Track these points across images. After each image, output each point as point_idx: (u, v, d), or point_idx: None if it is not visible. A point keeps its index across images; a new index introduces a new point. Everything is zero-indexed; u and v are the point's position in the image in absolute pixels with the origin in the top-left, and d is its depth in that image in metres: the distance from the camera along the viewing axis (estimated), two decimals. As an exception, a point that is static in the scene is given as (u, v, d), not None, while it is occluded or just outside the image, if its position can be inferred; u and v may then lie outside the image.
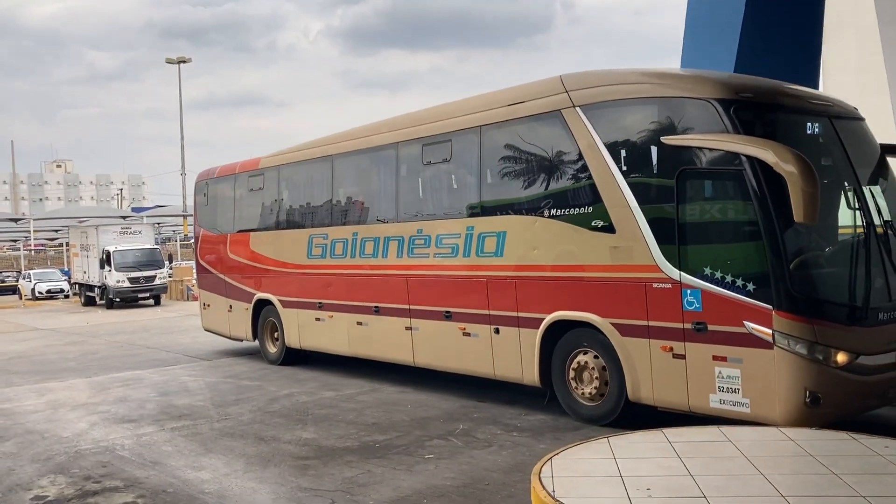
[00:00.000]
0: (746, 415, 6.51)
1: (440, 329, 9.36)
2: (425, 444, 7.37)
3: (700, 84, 6.91)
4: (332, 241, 11.14)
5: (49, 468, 7.17)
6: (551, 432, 7.61)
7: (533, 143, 8.41)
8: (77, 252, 32.91)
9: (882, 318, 6.62)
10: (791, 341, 6.22)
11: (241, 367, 12.70)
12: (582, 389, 7.89)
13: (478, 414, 8.51)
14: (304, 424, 8.43)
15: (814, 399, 6.20)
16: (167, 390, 10.90)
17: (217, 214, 14.27)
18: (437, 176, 9.73)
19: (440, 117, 9.54)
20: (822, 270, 6.73)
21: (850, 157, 7.00)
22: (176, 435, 8.21)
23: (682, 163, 6.82)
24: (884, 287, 6.76)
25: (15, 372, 13.44)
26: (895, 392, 6.74)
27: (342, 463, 6.91)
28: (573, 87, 7.85)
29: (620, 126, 7.46)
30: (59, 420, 9.22)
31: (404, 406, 9.11)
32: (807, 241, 6.62)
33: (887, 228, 6.94)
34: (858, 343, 6.42)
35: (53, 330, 21.24)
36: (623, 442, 5.71)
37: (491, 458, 6.85)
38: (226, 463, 7.07)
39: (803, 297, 6.30)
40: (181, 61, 40.69)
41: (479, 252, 8.78)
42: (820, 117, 7.01)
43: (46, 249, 68.26)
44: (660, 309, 7.02)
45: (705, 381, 6.72)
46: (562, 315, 7.92)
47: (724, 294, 6.55)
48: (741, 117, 6.52)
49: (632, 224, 7.19)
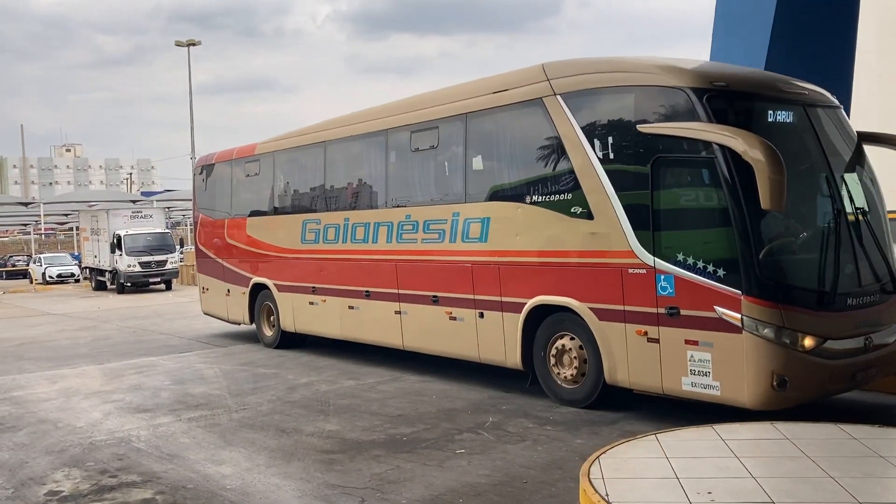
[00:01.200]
0: (717, 397, 6.64)
1: (428, 313, 9.52)
2: (455, 438, 7.03)
3: (675, 73, 6.92)
4: (325, 226, 11.31)
5: (63, 461, 6.87)
6: (587, 426, 7.26)
7: (516, 131, 8.57)
8: (88, 236, 32.71)
9: (850, 303, 6.71)
10: (759, 326, 6.32)
11: (256, 354, 12.39)
12: (562, 372, 8.04)
13: (506, 406, 8.17)
14: (326, 415, 8.10)
15: (781, 382, 6.33)
16: (182, 378, 10.60)
17: (215, 199, 14.41)
18: (425, 162, 9.81)
19: (428, 104, 9.66)
20: (791, 257, 6.81)
21: (824, 145, 7.06)
22: (193, 426, 7.90)
23: (657, 151, 6.89)
24: (853, 273, 6.84)
25: (27, 358, 13.18)
26: (863, 375, 6.84)
27: (369, 457, 6.57)
28: (554, 75, 7.94)
29: (599, 114, 7.56)
30: (73, 409, 8.93)
31: (429, 396, 8.77)
32: (776, 228, 6.66)
33: (858, 216, 6.99)
34: (826, 328, 6.51)
35: (65, 315, 21.02)
36: (672, 440, 5.36)
37: (526, 453, 6.50)
38: (247, 457, 6.75)
39: (771, 282, 6.39)
40: (190, 44, 40.11)
41: (465, 238, 8.94)
42: (794, 105, 7.05)
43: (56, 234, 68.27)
44: (635, 294, 7.15)
45: (678, 364, 6.85)
46: (543, 300, 8.06)
47: (696, 280, 6.67)
48: (714, 106, 6.58)
49: (609, 211, 7.32)
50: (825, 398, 7.13)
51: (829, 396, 7.15)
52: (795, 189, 6.58)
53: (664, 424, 7.04)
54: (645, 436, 5.52)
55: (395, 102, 10.50)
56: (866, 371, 6.85)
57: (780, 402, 6.38)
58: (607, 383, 7.53)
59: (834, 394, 7.10)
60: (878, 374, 7.08)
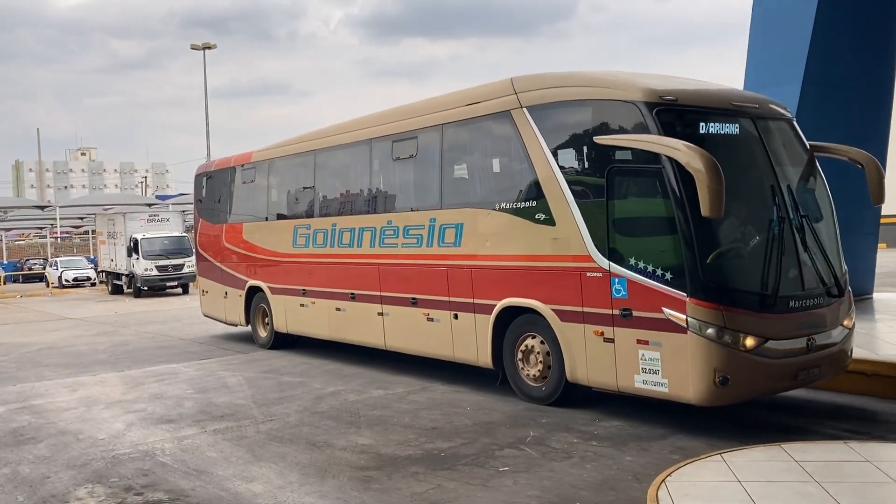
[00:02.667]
0: (665, 394, 6.99)
1: (407, 314, 9.97)
2: (496, 455, 6.65)
3: (628, 88, 7.29)
4: (315, 231, 11.79)
5: (86, 476, 6.54)
6: (634, 441, 6.87)
7: (487, 141, 9.03)
8: (104, 240, 32.56)
9: (793, 305, 7.01)
10: (702, 326, 6.64)
11: (279, 361, 12.06)
12: (528, 371, 8.45)
13: (546, 419, 7.78)
14: (357, 428, 7.75)
15: (723, 380, 6.62)
16: (205, 386, 10.28)
17: (214, 205, 14.94)
18: (405, 170, 10.25)
19: (408, 115, 10.12)
20: (734, 261, 7.08)
21: (771, 155, 7.40)
22: (220, 438, 7.57)
23: (612, 161, 7.29)
24: (797, 277, 7.14)
25: (45, 364, 12.91)
26: (806, 375, 7.12)
27: (408, 475, 6.21)
28: (521, 88, 8.36)
29: (560, 126, 8.01)
30: (94, 419, 8.62)
31: (462, 408, 8.41)
32: (720, 234, 6.95)
33: (803, 223, 7.31)
34: (767, 328, 6.80)
35: (82, 319, 20.80)
36: (741, 460, 4.99)
37: (575, 472, 6.12)
38: (278, 473, 6.40)
39: (713, 285, 6.69)
40: (206, 47, 40.06)
41: (441, 242, 9.37)
42: (742, 118, 7.40)
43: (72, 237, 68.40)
44: (592, 296, 7.55)
45: (631, 363, 7.22)
46: (511, 302, 8.48)
47: (646, 283, 7.03)
48: (663, 119, 6.95)
49: (569, 217, 7.73)
50: (768, 395, 7.64)
51: (772, 394, 7.62)
52: (740, 197, 7.04)
53: (714, 440, 6.70)
54: (710, 456, 5.15)
55: (378, 113, 10.93)
56: (809, 371, 7.12)
57: (722, 398, 6.73)
58: (569, 381, 7.92)
59: (776, 392, 7.48)
60: (822, 374, 7.32)
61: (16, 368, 12.67)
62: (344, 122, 11.70)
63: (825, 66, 11.36)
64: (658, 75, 8.24)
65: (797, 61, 11.22)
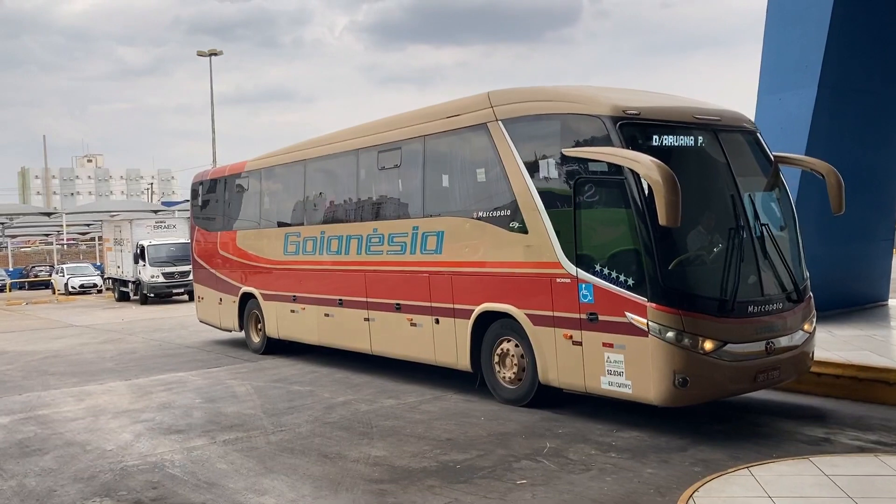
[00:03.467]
0: (629, 395, 7.32)
1: (392, 320, 10.30)
2: (513, 467, 6.50)
3: (593, 103, 7.65)
4: (304, 239, 12.16)
5: (94, 489, 6.41)
6: (654, 453, 6.71)
7: (465, 152, 9.36)
8: (110, 246, 32.48)
9: (752, 310, 7.31)
10: (662, 330, 6.93)
11: (288, 369, 11.93)
12: (504, 373, 8.76)
13: (562, 429, 7.63)
14: (369, 439, 7.60)
15: (682, 381, 6.92)
16: (213, 396, 10.14)
17: (209, 214, 15.36)
18: (390, 180, 10.60)
19: (393, 127, 10.45)
20: (693, 268, 7.36)
21: (733, 166, 7.66)
22: (230, 449, 7.43)
23: (579, 172, 7.64)
24: (756, 283, 7.45)
25: (51, 373, 12.79)
26: (765, 377, 7.39)
27: (423, 488, 6.06)
28: (497, 102, 8.72)
29: (532, 138, 8.33)
30: (101, 430, 8.49)
31: (476, 418, 8.25)
32: (679, 242, 7.22)
33: (764, 231, 7.62)
34: (726, 332, 7.08)
35: (88, 327, 20.70)
36: (769, 474, 4.83)
37: (595, 485, 5.96)
38: (290, 486, 6.26)
39: (673, 291, 6.98)
40: (212, 53, 40.01)
41: (423, 250, 9.70)
42: (704, 131, 7.70)
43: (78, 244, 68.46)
44: (562, 301, 7.86)
45: (597, 365, 7.54)
46: (488, 307, 8.79)
47: (611, 288, 7.35)
48: (625, 132, 7.27)
49: (540, 226, 8.06)
50: (728, 397, 7.88)
51: (732, 396, 7.87)
52: (701, 207, 7.46)
53: (736, 451, 6.55)
54: (737, 470, 5.00)
55: (365, 124, 11.24)
56: (769, 373, 7.40)
57: (682, 399, 7.02)
58: (541, 383, 8.22)
59: (736, 393, 7.76)
60: (783, 376, 7.61)
61: (21, 377, 12.55)
62: (332, 132, 12.02)
63: (841, 70, 11.21)
64: (627, 90, 8.62)
65: (812, 65, 11.06)
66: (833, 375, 8.36)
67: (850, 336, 10.11)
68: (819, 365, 8.49)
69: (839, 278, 12.37)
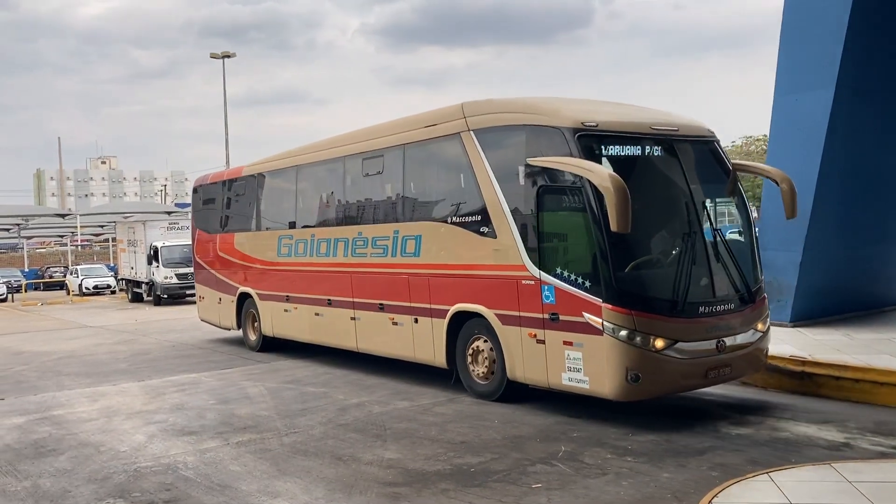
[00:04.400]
0: (587, 390, 7.76)
1: (375, 319, 10.79)
2: (528, 471, 6.43)
3: (555, 115, 8.07)
4: (296, 241, 12.69)
5: (107, 490, 6.40)
6: (671, 457, 6.63)
7: (441, 160, 9.88)
8: (124, 248, 32.61)
9: (703, 311, 7.74)
10: (615, 329, 7.37)
11: (301, 371, 11.91)
12: (477, 370, 9.20)
13: (577, 433, 7.56)
14: (383, 441, 7.56)
15: (634, 377, 7.36)
16: (226, 397, 10.13)
17: (209, 216, 15.93)
18: (374, 186, 11.08)
19: (377, 135, 10.93)
20: (645, 271, 7.80)
21: (687, 175, 8.10)
22: (243, 451, 7.40)
23: (542, 180, 8.08)
24: (707, 285, 7.89)
25: (66, 374, 12.83)
26: (716, 374, 7.83)
27: (437, 491, 6.01)
28: (470, 113, 9.16)
29: (501, 148, 8.77)
30: (115, 430, 8.49)
31: (490, 421, 8.20)
32: (632, 247, 7.62)
33: (715, 236, 8.06)
34: (676, 331, 7.51)
35: (102, 327, 20.78)
36: (790, 480, 4.75)
37: (611, 489, 5.89)
38: (304, 489, 6.22)
39: (626, 292, 7.43)
40: (225, 56, 40.11)
41: (403, 253, 10.18)
42: (660, 142, 8.11)
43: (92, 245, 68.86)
44: (527, 302, 8.28)
45: (559, 362, 7.97)
46: (462, 307, 9.25)
47: (570, 290, 7.78)
48: (583, 143, 7.70)
49: (507, 231, 8.51)
50: (680, 392, 8.31)
51: (684, 391, 8.32)
52: (655, 213, 7.97)
53: (754, 455, 6.46)
54: (756, 475, 4.92)
55: (351, 132, 11.80)
56: (720, 370, 7.82)
57: (635, 394, 7.47)
58: (509, 379, 8.65)
59: (688, 389, 8.20)
60: (734, 373, 8.08)
61: (36, 377, 12.60)
62: (322, 140, 12.71)
63: (859, 71, 11.07)
64: (594, 101, 9.10)
65: (830, 66, 10.93)
66: (852, 379, 8.25)
67: (870, 339, 9.99)
68: (838, 369, 8.40)
69: (858, 281, 12.23)
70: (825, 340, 10.00)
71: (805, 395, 8.65)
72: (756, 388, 9.16)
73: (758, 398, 8.69)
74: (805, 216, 11.03)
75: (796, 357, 8.91)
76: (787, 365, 8.88)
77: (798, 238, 11.20)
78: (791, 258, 11.30)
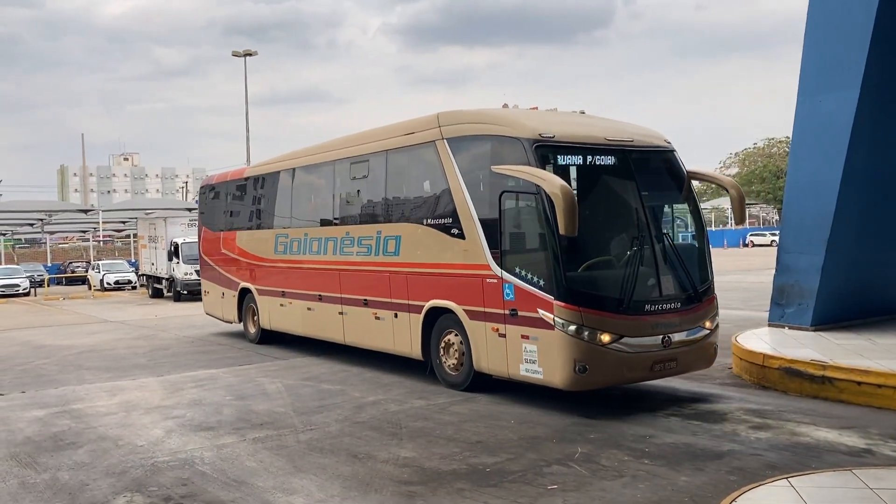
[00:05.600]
0: (541, 380, 8.34)
1: (360, 313, 11.47)
2: (544, 472, 6.40)
3: (515, 127, 8.71)
4: (291, 240, 13.47)
5: (125, 484, 6.44)
6: (688, 460, 6.57)
7: (418, 166, 10.54)
8: (145, 244, 32.88)
9: (649, 309, 8.34)
10: (565, 324, 8.00)
11: (318, 368, 11.95)
12: (448, 361, 9.81)
13: (594, 434, 7.52)
14: (399, 439, 7.56)
15: (582, 368, 7.98)
16: (244, 393, 10.18)
17: (214, 215, 16.85)
18: (360, 188, 11.77)
19: (364, 141, 11.65)
20: (593, 271, 8.38)
21: (639, 182, 8.66)
22: (259, 447, 7.43)
23: (503, 187, 8.66)
24: (654, 285, 8.47)
25: (86, 368, 12.96)
26: (661, 367, 8.44)
27: (453, 491, 5.99)
28: (444, 123, 9.78)
29: (469, 156, 9.43)
30: (133, 425, 8.56)
31: (506, 421, 8.17)
32: (581, 249, 8.22)
33: (664, 240, 8.69)
34: (622, 327, 8.12)
35: (122, 322, 20.97)
36: (809, 485, 4.68)
37: (627, 491, 5.85)
38: (319, 486, 6.23)
39: (575, 291, 8.03)
40: (247, 54, 40.36)
41: (385, 252, 10.85)
42: (613, 152, 8.72)
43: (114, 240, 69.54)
44: (491, 298, 8.89)
45: (517, 354, 8.57)
46: (435, 303, 9.86)
47: (527, 288, 8.38)
48: (539, 153, 8.35)
49: (474, 232, 9.14)
50: (627, 384, 9.02)
51: (630, 383, 8.99)
52: (605, 218, 8.75)
53: (772, 460, 6.38)
54: (775, 480, 4.86)
55: (342, 138, 12.59)
56: (665, 364, 8.44)
57: (582, 384, 8.09)
58: (476, 370, 9.25)
59: (634, 381, 8.85)
60: (681, 367, 8.67)
61: (57, 371, 12.74)
62: (316, 144, 13.41)
63: (884, 72, 10.90)
64: (558, 113, 9.88)
65: (855, 66, 10.77)
66: (874, 385, 8.14)
67: (893, 344, 9.84)
68: (860, 373, 8.28)
69: (881, 284, 12.06)
70: (847, 345, 9.87)
71: (826, 399, 8.53)
72: (776, 392, 9.07)
73: (777, 402, 8.60)
74: (828, 218, 10.90)
75: (817, 361, 8.80)
76: (808, 369, 8.77)
77: (820, 240, 11.05)
78: (813, 261, 11.16)
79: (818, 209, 11.07)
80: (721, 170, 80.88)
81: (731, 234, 67.91)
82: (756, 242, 63.75)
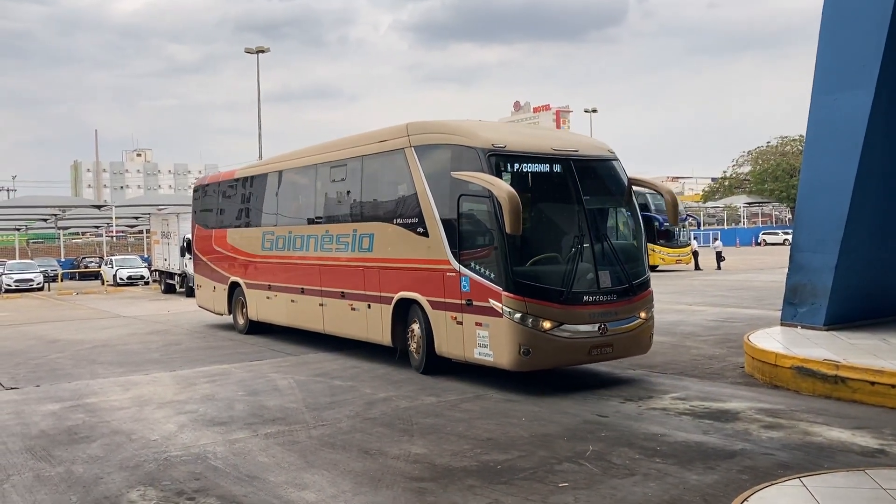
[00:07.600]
0: (492, 362, 9.38)
1: (338, 305, 12.50)
2: (555, 469, 6.41)
3: (472, 137, 9.73)
4: (277, 237, 14.57)
5: (138, 478, 6.50)
6: (699, 459, 6.56)
7: (390, 171, 11.50)
8: (158, 239, 33.04)
9: (587, 300, 9.33)
10: (511, 312, 9.04)
11: (330, 364, 11.99)
12: (413, 346, 10.83)
13: (605, 433, 7.51)
14: (410, 436, 7.58)
15: (525, 352, 9.00)
16: (256, 389, 10.23)
17: (207, 214, 17.97)
18: (339, 190, 12.78)
19: (343, 147, 12.82)
20: (537, 266, 9.38)
21: (581, 188, 9.62)
22: (271, 442, 7.47)
23: (461, 191, 9.67)
24: (592, 279, 9.41)
25: (100, 362, 13.06)
26: (598, 352, 9.48)
27: (464, 487, 6.01)
28: (412, 132, 10.83)
29: (433, 163, 10.40)
30: (146, 419, 8.62)
31: (517, 418, 8.18)
32: (527, 246, 9.29)
33: (603, 239, 9.65)
34: (562, 316, 9.13)
35: (135, 317, 21.10)
36: (822, 485, 4.67)
37: (638, 490, 5.85)
38: (331, 481, 6.26)
39: (520, 283, 9.06)
40: (259, 51, 40.46)
41: (360, 248, 11.93)
42: (558, 160, 9.71)
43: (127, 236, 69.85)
44: (450, 290, 9.89)
45: (472, 339, 9.61)
46: (403, 295, 10.86)
47: (480, 280, 9.42)
48: (492, 161, 9.37)
49: (436, 231, 10.13)
50: (567, 366, 10.17)
51: (570, 365, 10.09)
52: (550, 220, 9.97)
53: (784, 459, 6.35)
54: (787, 479, 4.84)
55: (322, 143, 13.82)
56: (602, 349, 9.46)
57: (526, 365, 9.12)
58: (437, 355, 10.32)
59: (574, 363, 9.89)
60: (616, 352, 9.68)
61: (71, 365, 12.84)
62: (301, 148, 14.57)
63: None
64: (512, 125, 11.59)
65: (870, 65, 10.69)
66: (888, 385, 8.09)
67: (906, 344, 9.77)
68: (873, 373, 8.24)
69: (893, 284, 11.98)
70: (860, 344, 9.82)
71: (839, 399, 8.49)
72: (788, 392, 9.03)
73: (790, 402, 8.57)
74: (842, 217, 10.83)
75: (830, 361, 8.76)
76: (821, 368, 8.74)
77: (834, 240, 10.98)
78: (826, 260, 11.09)
79: (832, 208, 11.00)
80: (733, 167, 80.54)
81: (743, 232, 67.63)
82: (768, 241, 63.43)
